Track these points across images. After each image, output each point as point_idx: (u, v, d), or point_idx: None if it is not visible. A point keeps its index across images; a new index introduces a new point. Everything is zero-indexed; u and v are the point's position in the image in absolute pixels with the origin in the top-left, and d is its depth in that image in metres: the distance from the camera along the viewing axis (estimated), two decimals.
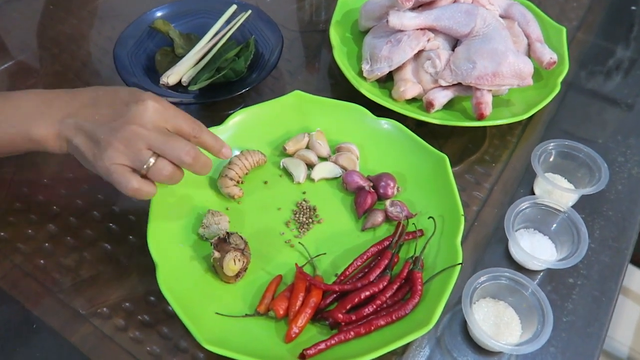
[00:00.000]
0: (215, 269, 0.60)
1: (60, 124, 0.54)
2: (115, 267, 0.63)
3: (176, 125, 0.55)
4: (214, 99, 0.77)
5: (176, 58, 0.82)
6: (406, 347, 0.57)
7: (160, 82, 0.79)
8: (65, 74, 0.84)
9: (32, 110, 0.55)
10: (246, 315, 0.57)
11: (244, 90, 0.76)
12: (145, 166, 0.53)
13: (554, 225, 0.65)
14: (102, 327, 0.58)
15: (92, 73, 0.85)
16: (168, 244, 0.61)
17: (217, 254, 0.58)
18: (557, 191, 0.67)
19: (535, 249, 0.64)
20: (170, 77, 0.79)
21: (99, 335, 0.58)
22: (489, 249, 0.66)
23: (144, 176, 0.54)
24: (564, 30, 0.85)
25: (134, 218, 0.67)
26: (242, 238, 0.60)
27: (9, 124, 0.55)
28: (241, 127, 0.71)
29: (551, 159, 0.70)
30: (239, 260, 0.58)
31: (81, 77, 0.84)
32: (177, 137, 0.55)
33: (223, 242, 0.59)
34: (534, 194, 0.72)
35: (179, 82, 0.80)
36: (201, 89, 0.78)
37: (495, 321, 0.58)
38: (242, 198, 0.67)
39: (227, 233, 0.60)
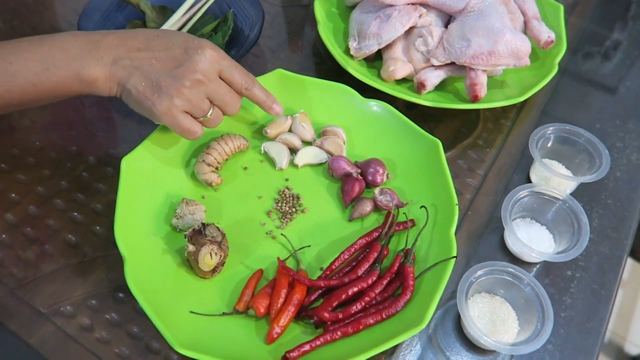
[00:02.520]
0: (190, 263, 0.55)
1: (114, 65, 0.54)
2: (79, 260, 0.58)
3: (230, 75, 0.57)
4: None
5: None
6: (396, 346, 0.54)
7: None
8: None
9: (80, 51, 0.54)
10: (223, 313, 0.53)
11: None
12: (204, 116, 0.56)
13: (552, 215, 0.61)
14: (65, 327, 0.53)
15: None
16: (137, 236, 0.56)
17: (191, 248, 0.53)
18: (556, 178, 0.64)
19: (533, 240, 0.60)
20: None
21: (62, 336, 0.53)
22: (483, 239, 0.62)
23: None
24: (562, 7, 0.81)
25: (100, 207, 0.62)
26: (219, 229, 0.56)
27: (58, 66, 0.53)
28: None
29: (549, 144, 0.66)
30: (216, 254, 0.54)
31: None
32: (231, 90, 0.58)
33: (198, 235, 0.54)
34: (529, 180, 0.68)
35: None
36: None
37: (491, 318, 0.54)
38: (220, 186, 0.62)
39: (203, 224, 0.55)
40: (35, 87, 0.53)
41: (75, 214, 0.61)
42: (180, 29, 0.76)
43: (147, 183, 0.59)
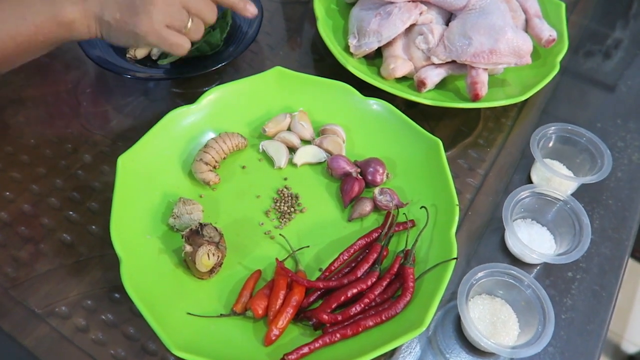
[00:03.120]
0: (187, 263, 0.54)
1: (85, 2, 0.54)
2: (75, 260, 0.57)
3: None
4: (186, 74, 0.71)
5: None
6: (396, 348, 0.53)
7: (127, 56, 0.72)
8: None
9: None
10: (221, 315, 0.52)
11: (219, 66, 0.70)
12: (185, 26, 0.57)
13: (553, 215, 0.61)
14: (60, 328, 0.53)
15: None
16: (134, 236, 0.55)
17: (188, 248, 0.53)
18: (557, 179, 0.63)
19: (534, 241, 0.59)
20: (138, 50, 0.72)
21: (57, 337, 0.52)
22: (483, 240, 0.62)
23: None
24: (563, 5, 0.80)
25: (96, 205, 0.61)
26: (216, 230, 0.55)
27: (34, 13, 0.53)
28: (216, 106, 0.65)
29: (550, 144, 0.66)
30: (213, 254, 0.53)
31: None
32: None
33: (195, 235, 0.53)
34: (530, 180, 0.68)
35: (148, 56, 0.74)
36: (172, 64, 0.72)
37: (491, 319, 0.54)
38: (218, 185, 0.62)
39: (200, 224, 0.54)
40: (14, 40, 0.53)
41: (71, 212, 0.61)
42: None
43: (143, 182, 0.59)
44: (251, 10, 0.62)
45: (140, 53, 0.72)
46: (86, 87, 0.73)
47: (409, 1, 0.71)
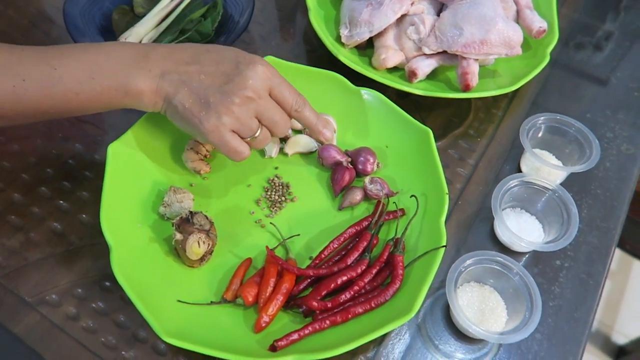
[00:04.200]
0: (177, 252, 0.54)
1: (161, 79, 0.51)
2: (65, 249, 0.57)
3: (279, 94, 0.54)
4: None
5: (135, 18, 0.75)
6: (385, 335, 0.54)
7: None
8: (10, 33, 0.76)
9: (128, 61, 0.51)
10: (211, 302, 0.52)
11: None
12: (252, 136, 0.53)
13: (542, 204, 0.61)
14: (50, 316, 0.53)
15: (42, 33, 0.77)
16: (124, 224, 0.55)
17: (178, 236, 0.53)
18: (546, 168, 0.63)
19: (522, 230, 0.60)
20: (129, 39, 0.71)
21: (47, 325, 0.52)
22: (473, 229, 0.62)
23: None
24: None
25: (87, 195, 0.61)
26: (207, 218, 0.55)
27: (104, 75, 0.51)
28: None
29: (540, 134, 0.66)
30: (204, 242, 0.53)
31: (30, 38, 0.76)
32: (281, 110, 0.54)
33: (186, 223, 0.54)
34: (519, 170, 0.68)
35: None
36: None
37: (479, 307, 0.54)
38: (209, 174, 0.62)
39: (191, 212, 0.54)
40: (77, 96, 0.50)
41: (61, 202, 0.60)
42: (168, 14, 0.75)
43: (134, 170, 0.59)
44: (326, 134, 0.59)
45: (131, 41, 0.72)
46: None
47: None
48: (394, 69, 0.73)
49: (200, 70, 0.51)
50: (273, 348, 0.48)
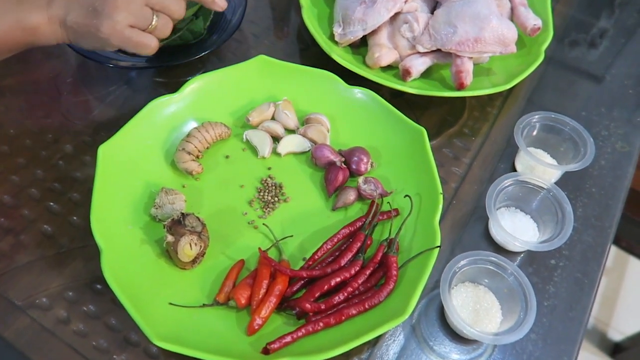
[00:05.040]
0: (169, 254, 0.54)
1: (50, 7, 0.54)
2: (56, 251, 0.56)
3: None
4: (169, 63, 0.70)
5: None
6: (380, 336, 0.53)
7: None
8: None
9: (15, 1, 0.53)
10: (204, 305, 0.52)
11: (203, 54, 0.69)
12: (150, 25, 0.55)
13: (536, 203, 0.61)
14: (40, 320, 0.52)
15: None
16: (115, 226, 0.54)
17: (170, 238, 0.52)
18: (540, 167, 0.63)
19: (517, 229, 0.60)
20: None
21: (37, 329, 0.52)
22: (468, 228, 0.62)
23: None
24: None
25: (77, 196, 0.60)
26: (199, 219, 0.54)
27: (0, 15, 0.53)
28: (199, 95, 0.64)
29: (534, 133, 0.66)
30: (196, 244, 0.52)
31: None
32: None
33: (177, 225, 0.53)
34: (514, 169, 0.68)
35: None
36: (155, 52, 0.71)
37: (474, 307, 0.54)
38: (201, 174, 0.61)
39: (183, 214, 0.54)
40: None
41: (51, 203, 0.60)
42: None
43: (125, 172, 0.58)
44: (219, 3, 0.60)
45: None
46: (67, 76, 0.71)
47: None
48: (388, 68, 0.72)
49: None
50: (266, 351, 0.48)
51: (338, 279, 0.53)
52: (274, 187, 0.61)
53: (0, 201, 0.59)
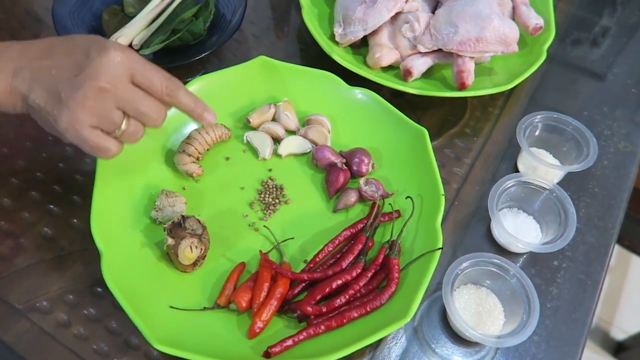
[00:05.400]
0: (170, 257, 0.54)
1: (14, 78, 0.47)
2: (56, 254, 0.56)
3: (146, 80, 0.48)
4: (169, 64, 0.69)
5: (126, 18, 0.74)
6: (381, 338, 0.53)
7: None
8: None
9: None
10: (204, 308, 0.52)
11: (203, 55, 0.69)
12: (116, 129, 0.48)
13: (539, 204, 0.60)
14: (41, 323, 0.52)
15: (31, 35, 0.76)
16: (115, 229, 0.54)
17: (170, 241, 0.52)
18: (543, 167, 0.63)
19: (519, 230, 0.59)
20: (120, 39, 0.70)
21: (38, 333, 0.51)
22: (470, 229, 0.62)
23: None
24: None
25: (77, 198, 0.60)
26: (199, 222, 0.54)
27: None
28: (200, 96, 0.62)
29: (537, 133, 0.65)
30: (196, 247, 0.52)
31: (17, 39, 0.74)
32: (148, 97, 0.49)
33: (178, 227, 0.53)
34: (516, 169, 0.67)
35: (130, 46, 0.71)
36: (155, 53, 0.71)
37: (476, 309, 0.53)
38: (201, 176, 0.61)
39: (183, 217, 0.53)
40: None
41: (52, 206, 0.59)
42: (160, 14, 0.74)
43: (125, 174, 0.58)
44: (208, 117, 0.52)
45: (122, 42, 0.71)
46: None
47: None
48: (389, 68, 0.72)
49: (51, 65, 0.47)
50: (267, 354, 0.48)
51: (339, 282, 0.52)
52: (274, 189, 0.61)
53: (0, 203, 0.59)
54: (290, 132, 0.65)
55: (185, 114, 0.52)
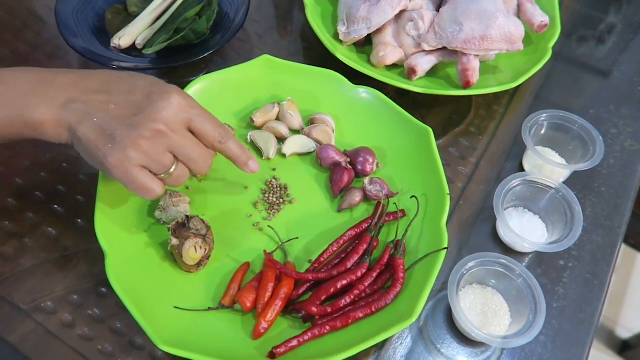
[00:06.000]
0: (174, 257, 0.53)
1: (64, 109, 0.47)
2: (60, 254, 0.56)
3: (200, 127, 0.49)
4: (172, 63, 0.69)
5: (129, 17, 0.74)
6: (386, 339, 0.52)
7: (111, 45, 0.70)
8: (1, 34, 0.75)
9: (28, 89, 0.47)
10: (209, 308, 0.51)
11: (206, 54, 0.68)
12: (165, 172, 0.48)
13: (545, 203, 0.60)
14: (45, 324, 0.52)
15: (33, 33, 0.76)
16: (119, 229, 0.54)
17: (175, 241, 0.52)
18: (549, 166, 0.62)
19: (525, 230, 0.59)
20: (123, 38, 0.70)
21: (42, 333, 0.51)
22: (475, 229, 0.61)
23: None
24: None
25: (82, 199, 0.60)
26: (204, 222, 0.54)
27: (2, 103, 0.46)
28: (203, 96, 0.64)
29: (542, 132, 0.65)
30: (201, 247, 0.52)
31: (21, 39, 0.75)
32: (200, 145, 0.50)
33: (182, 227, 0.53)
34: (522, 168, 0.67)
35: (133, 45, 0.72)
36: (158, 53, 0.71)
37: (482, 309, 0.53)
38: (205, 176, 0.60)
39: (187, 217, 0.53)
40: None
41: (56, 206, 0.59)
42: (163, 13, 0.73)
43: None
44: (252, 167, 0.53)
45: (125, 42, 0.71)
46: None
47: None
48: (393, 67, 0.72)
49: (108, 100, 0.47)
50: (272, 355, 0.47)
51: (344, 282, 0.52)
52: (278, 189, 0.60)
53: (4, 204, 0.59)
54: (294, 132, 0.65)
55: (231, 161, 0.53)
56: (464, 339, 0.54)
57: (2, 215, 0.58)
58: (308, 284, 0.53)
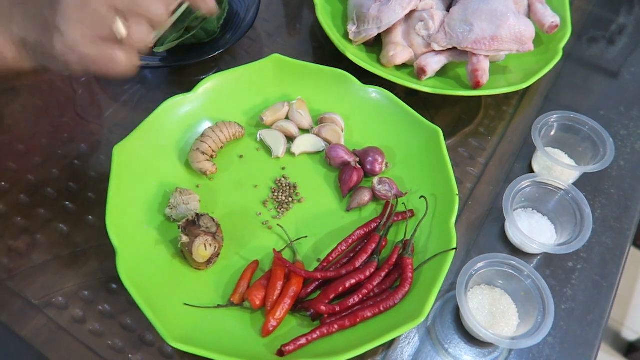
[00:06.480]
0: (184, 254, 0.54)
1: (10, 23, 0.42)
2: (71, 250, 0.57)
3: None
4: (182, 62, 0.69)
5: None
6: (394, 338, 0.53)
7: None
8: None
9: None
10: (218, 306, 0.52)
11: (216, 53, 0.69)
12: (118, 33, 0.41)
13: (554, 205, 0.60)
14: (57, 319, 0.52)
15: None
16: (130, 226, 0.55)
17: (185, 239, 0.52)
18: (558, 168, 0.62)
19: (534, 231, 0.59)
20: None
21: (54, 328, 0.52)
22: (484, 230, 0.61)
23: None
24: None
25: (93, 196, 0.61)
26: (213, 220, 0.54)
27: None
28: (213, 95, 0.64)
29: (552, 133, 0.65)
30: (210, 245, 0.52)
31: None
32: None
33: (192, 225, 0.53)
34: (531, 169, 0.67)
35: None
36: (168, 51, 0.71)
37: (490, 310, 0.53)
38: (215, 174, 0.61)
39: (197, 214, 0.54)
40: None
41: (67, 203, 0.60)
42: (173, 11, 0.73)
43: (139, 172, 0.58)
44: (210, 5, 0.48)
45: None
46: (81, 75, 0.72)
47: None
48: (403, 66, 0.72)
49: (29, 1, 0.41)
50: (280, 353, 0.48)
51: (353, 281, 0.52)
52: (288, 188, 0.61)
53: (16, 200, 0.60)
54: (304, 131, 0.65)
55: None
56: (472, 340, 0.54)
57: (15, 211, 0.59)
58: (317, 283, 0.53)
